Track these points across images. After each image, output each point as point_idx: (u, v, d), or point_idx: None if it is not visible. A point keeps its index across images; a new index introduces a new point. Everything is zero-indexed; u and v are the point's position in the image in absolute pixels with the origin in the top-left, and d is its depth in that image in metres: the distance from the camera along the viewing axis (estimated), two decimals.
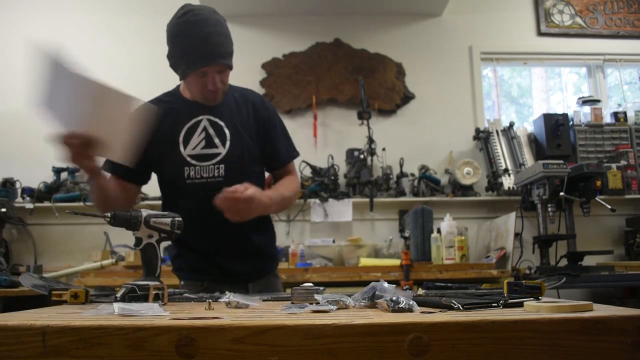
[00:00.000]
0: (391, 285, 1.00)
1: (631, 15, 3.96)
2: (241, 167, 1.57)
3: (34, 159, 3.49)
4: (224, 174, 1.54)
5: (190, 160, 1.54)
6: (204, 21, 1.46)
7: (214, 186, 1.48)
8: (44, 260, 3.23)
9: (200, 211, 1.52)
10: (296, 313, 0.85)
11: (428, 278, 2.65)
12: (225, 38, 1.50)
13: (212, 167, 1.54)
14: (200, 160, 1.54)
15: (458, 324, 0.72)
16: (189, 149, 1.55)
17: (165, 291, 1.14)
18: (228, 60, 1.51)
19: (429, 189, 3.48)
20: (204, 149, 1.55)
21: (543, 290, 0.95)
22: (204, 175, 1.54)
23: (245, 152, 1.59)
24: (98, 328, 0.71)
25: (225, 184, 1.45)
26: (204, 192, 1.51)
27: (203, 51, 1.46)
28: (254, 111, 1.64)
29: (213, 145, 1.56)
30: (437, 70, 3.82)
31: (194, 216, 1.47)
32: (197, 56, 1.46)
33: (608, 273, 2.71)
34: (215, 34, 1.46)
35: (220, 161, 1.55)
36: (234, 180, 1.46)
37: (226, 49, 1.50)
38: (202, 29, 1.45)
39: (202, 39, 1.45)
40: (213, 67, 1.49)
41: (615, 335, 0.73)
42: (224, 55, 1.49)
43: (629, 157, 3.46)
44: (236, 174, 1.53)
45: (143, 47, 3.76)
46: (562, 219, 2.86)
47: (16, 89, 3.65)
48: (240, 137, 1.58)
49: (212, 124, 1.57)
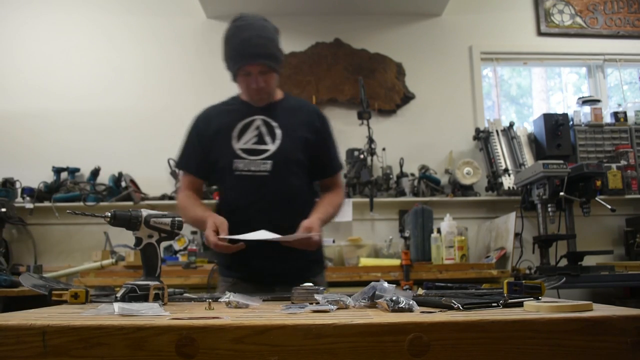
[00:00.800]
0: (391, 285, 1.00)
1: (631, 15, 3.96)
2: (287, 165, 1.68)
3: (34, 159, 3.50)
4: (270, 169, 1.66)
5: (240, 154, 1.67)
6: (249, 25, 1.62)
7: (260, 179, 1.65)
8: (44, 260, 3.23)
9: (244, 203, 1.66)
10: (296, 313, 0.85)
11: (428, 278, 2.65)
12: (267, 41, 1.62)
13: (259, 162, 1.66)
14: (250, 154, 1.67)
15: (458, 324, 0.73)
16: (241, 143, 1.69)
17: (165, 291, 1.14)
18: (269, 62, 1.63)
19: (429, 189, 3.48)
20: (254, 144, 1.68)
21: (543, 290, 0.95)
22: (251, 168, 1.66)
23: (293, 153, 1.70)
24: (98, 328, 0.72)
25: (271, 178, 1.65)
26: (250, 184, 1.65)
27: (243, 51, 1.60)
28: (308, 119, 1.77)
29: (263, 142, 1.69)
30: (437, 70, 3.82)
31: (237, 207, 1.66)
32: (240, 55, 1.61)
33: (608, 273, 2.70)
34: (256, 37, 1.60)
35: (268, 157, 1.67)
36: (279, 176, 1.66)
37: (267, 50, 1.62)
38: (246, 32, 1.60)
39: (244, 40, 1.60)
40: (253, 66, 1.61)
41: (615, 335, 0.73)
42: (264, 56, 1.61)
43: (629, 157, 3.46)
44: (281, 171, 1.67)
45: (143, 47, 3.76)
46: (562, 219, 2.86)
47: (16, 89, 3.66)
48: (290, 139, 1.70)
49: (265, 124, 1.71)
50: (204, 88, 3.71)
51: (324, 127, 1.80)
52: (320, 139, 1.77)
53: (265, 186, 1.65)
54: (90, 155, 3.50)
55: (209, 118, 1.78)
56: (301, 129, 1.73)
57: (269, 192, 1.66)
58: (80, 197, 3.30)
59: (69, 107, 3.62)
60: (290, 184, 1.69)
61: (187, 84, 3.71)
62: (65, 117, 3.60)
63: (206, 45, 3.77)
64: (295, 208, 1.69)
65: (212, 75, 3.73)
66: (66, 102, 3.63)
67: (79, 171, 3.51)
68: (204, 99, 3.78)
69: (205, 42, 3.77)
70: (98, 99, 3.65)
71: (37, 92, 3.64)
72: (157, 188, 3.45)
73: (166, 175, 3.48)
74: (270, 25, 1.67)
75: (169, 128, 3.62)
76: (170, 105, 3.66)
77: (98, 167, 3.45)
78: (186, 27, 3.79)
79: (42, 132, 3.57)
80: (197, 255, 2.97)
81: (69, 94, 3.64)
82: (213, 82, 3.72)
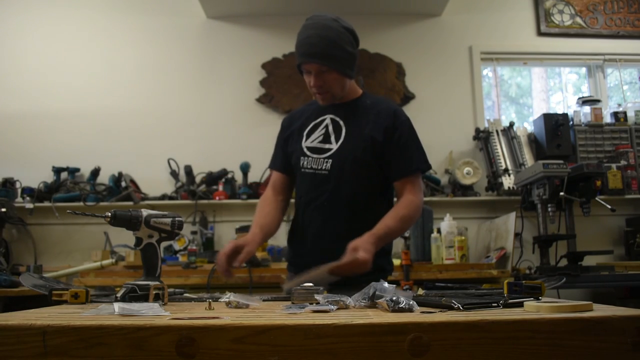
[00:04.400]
0: (391, 285, 1.00)
1: (631, 15, 3.96)
2: (347, 165, 1.64)
3: (34, 159, 3.49)
4: (329, 168, 1.65)
5: (306, 152, 1.70)
6: (313, 25, 1.61)
7: (320, 178, 1.66)
8: (44, 260, 3.23)
9: (306, 201, 1.70)
10: (296, 313, 0.85)
11: (428, 278, 2.65)
12: (327, 42, 1.57)
13: (321, 160, 1.67)
14: (314, 152, 1.69)
15: (458, 324, 0.73)
16: (308, 141, 1.71)
17: (165, 291, 1.14)
18: (324, 61, 1.58)
19: (429, 189, 3.48)
20: (320, 143, 1.70)
21: (543, 291, 0.95)
22: (313, 166, 1.68)
23: (352, 153, 1.64)
24: (98, 328, 0.72)
25: (330, 178, 1.64)
26: (311, 182, 1.68)
27: (301, 49, 1.60)
28: (378, 119, 1.67)
29: (328, 141, 1.69)
30: (437, 70, 3.81)
31: (301, 205, 1.72)
32: (298, 54, 1.62)
33: (608, 273, 2.70)
34: (315, 36, 1.57)
35: (329, 156, 1.66)
36: (338, 175, 1.64)
37: (326, 51, 1.57)
38: (308, 31, 1.60)
39: (304, 39, 1.60)
40: (311, 65, 1.60)
41: (615, 335, 0.73)
42: (319, 56, 1.57)
43: (629, 157, 3.46)
44: (340, 171, 1.64)
45: (142, 47, 3.76)
46: (562, 219, 2.85)
47: (16, 89, 3.66)
48: (355, 138, 1.66)
49: (333, 122, 1.71)
50: (204, 88, 3.71)
51: (397, 126, 1.66)
52: (392, 138, 1.65)
53: (323, 185, 1.65)
54: (90, 155, 3.50)
55: (291, 118, 1.83)
56: (369, 127, 1.65)
57: (326, 192, 1.64)
58: (80, 197, 3.30)
59: (69, 107, 3.62)
60: (348, 185, 1.63)
61: (188, 84, 3.71)
62: (65, 117, 3.60)
63: (206, 45, 3.77)
64: (351, 210, 1.63)
65: (212, 75, 3.75)
66: (66, 102, 3.62)
67: (79, 171, 3.51)
68: (204, 99, 3.82)
69: (205, 42, 3.78)
70: (98, 99, 3.64)
71: (37, 92, 3.64)
72: (157, 188, 3.45)
73: (166, 175, 3.48)
74: (336, 25, 1.60)
75: (169, 128, 3.64)
76: (171, 105, 3.66)
77: (98, 167, 3.45)
78: (186, 27, 3.79)
79: (42, 132, 3.57)
80: (197, 255, 2.97)
81: (69, 94, 3.64)
82: (213, 82, 3.75)
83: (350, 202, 1.64)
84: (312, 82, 1.63)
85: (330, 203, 1.64)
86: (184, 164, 3.44)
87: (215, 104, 3.66)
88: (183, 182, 3.44)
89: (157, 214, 1.17)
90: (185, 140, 3.56)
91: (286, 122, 1.84)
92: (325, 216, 1.65)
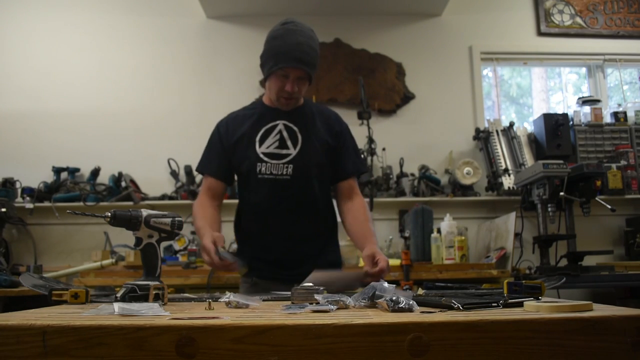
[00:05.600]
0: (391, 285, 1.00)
1: (631, 15, 3.96)
2: (308, 169, 1.71)
3: (34, 159, 3.50)
4: (292, 173, 1.69)
5: (263, 157, 1.71)
6: (300, 31, 1.65)
7: (281, 183, 1.69)
8: (44, 260, 3.23)
9: (266, 206, 1.71)
10: (296, 313, 0.85)
11: (428, 278, 2.65)
12: (313, 52, 1.66)
13: (281, 166, 1.70)
14: (272, 158, 1.71)
15: (458, 324, 0.73)
16: (263, 147, 1.72)
17: (165, 291, 1.14)
18: (310, 69, 1.66)
19: (429, 189, 3.48)
20: (276, 148, 1.72)
21: (543, 290, 0.95)
22: (273, 171, 1.70)
23: (313, 157, 1.72)
24: (98, 328, 0.72)
25: (292, 182, 1.68)
26: (272, 187, 1.69)
27: (291, 54, 1.62)
28: (327, 124, 1.79)
29: (285, 146, 1.72)
30: (437, 70, 3.81)
31: (261, 210, 1.72)
32: (286, 57, 1.62)
33: (608, 273, 2.70)
34: (306, 44, 1.64)
35: (289, 161, 1.70)
36: (300, 180, 1.69)
37: (312, 60, 1.66)
38: (296, 37, 1.63)
39: (294, 44, 1.62)
40: (296, 70, 1.64)
41: (615, 335, 0.73)
42: (308, 64, 1.64)
43: (629, 157, 3.46)
44: (302, 175, 1.70)
45: (142, 47, 3.76)
46: (562, 219, 2.85)
47: (17, 89, 3.66)
48: (311, 144, 1.73)
49: (287, 128, 1.74)
50: (204, 88, 3.71)
51: (343, 131, 1.82)
52: (340, 142, 1.79)
53: (286, 190, 1.69)
54: (90, 155, 3.50)
55: (232, 123, 1.80)
56: (321, 132, 1.76)
57: (289, 196, 1.70)
58: (80, 197, 3.30)
59: (69, 107, 3.62)
60: (310, 188, 1.72)
61: (187, 84, 3.71)
62: (65, 117, 3.60)
63: (206, 45, 3.77)
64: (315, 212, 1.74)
65: (212, 75, 3.75)
66: (66, 102, 3.63)
67: (79, 171, 3.51)
68: (204, 99, 3.81)
69: (205, 42, 3.78)
70: (98, 99, 3.65)
71: (37, 92, 3.64)
72: (157, 188, 3.45)
73: (166, 175, 3.48)
74: (316, 37, 1.71)
75: (169, 128, 3.64)
76: (171, 105, 3.66)
77: (98, 167, 3.45)
78: (186, 27, 3.79)
79: (42, 132, 3.57)
80: (197, 255, 2.97)
81: (69, 94, 3.64)
82: (213, 82, 3.75)
83: (314, 204, 1.74)
84: (289, 87, 1.65)
85: (294, 207, 1.70)
86: (184, 164, 3.44)
87: (215, 104, 3.65)
88: (183, 182, 3.44)
89: (157, 214, 1.17)
90: (185, 140, 3.56)
91: (224, 127, 1.80)
92: (290, 220, 1.70)
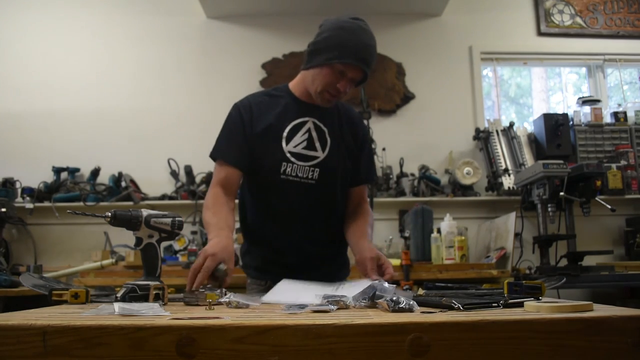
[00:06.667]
0: (391, 285, 1.00)
1: (631, 15, 3.96)
2: (334, 174, 1.63)
3: (34, 159, 3.49)
4: (317, 178, 1.60)
5: (290, 157, 1.59)
6: (370, 34, 1.57)
7: (305, 187, 1.59)
8: (44, 260, 3.23)
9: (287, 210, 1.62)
10: (296, 313, 0.85)
11: (428, 278, 2.65)
12: (375, 60, 1.59)
13: (307, 168, 1.60)
14: (299, 159, 1.60)
15: (458, 324, 0.72)
16: (290, 145, 1.60)
17: (165, 291, 1.14)
18: (368, 74, 1.58)
19: (429, 189, 3.48)
20: (304, 149, 1.61)
21: (543, 291, 0.95)
22: (299, 174, 1.59)
23: (341, 162, 1.65)
24: (98, 328, 0.71)
25: (317, 187, 1.59)
26: (295, 190, 1.59)
27: (360, 53, 1.52)
28: (353, 128, 1.71)
29: (313, 148, 1.62)
30: (437, 70, 3.81)
31: (279, 213, 1.61)
32: (354, 53, 1.52)
33: (608, 273, 2.70)
34: (374, 49, 1.57)
35: (316, 165, 1.61)
36: (325, 185, 1.60)
37: (373, 66, 1.58)
38: (370, 38, 1.56)
39: (365, 44, 1.54)
40: (356, 70, 1.54)
41: (615, 335, 0.73)
42: (370, 69, 1.57)
43: (629, 157, 3.46)
44: (328, 181, 1.62)
45: (143, 47, 3.76)
46: (562, 219, 2.85)
47: (16, 89, 3.66)
48: (339, 147, 1.65)
49: (316, 128, 1.63)
50: (204, 88, 3.71)
51: (365, 135, 1.78)
52: (362, 146, 1.73)
53: (309, 194, 1.60)
54: (90, 155, 3.50)
55: (256, 109, 1.65)
56: (348, 137, 1.69)
57: (312, 201, 1.62)
58: (80, 197, 3.30)
59: (69, 107, 3.62)
60: (334, 195, 1.65)
61: (188, 84, 3.71)
62: (65, 117, 3.60)
63: (206, 45, 3.77)
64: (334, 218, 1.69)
65: (212, 75, 3.75)
66: (66, 102, 3.63)
67: (79, 171, 3.51)
68: (204, 99, 3.81)
69: (205, 42, 3.78)
70: (98, 99, 3.65)
71: (37, 92, 3.64)
72: (157, 188, 3.45)
73: (166, 175, 3.48)
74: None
75: (169, 128, 3.64)
76: (171, 105, 3.66)
77: (98, 167, 3.45)
78: (186, 27, 3.79)
79: (42, 132, 3.57)
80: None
81: (68, 94, 3.64)
82: (213, 82, 3.75)
83: (334, 210, 1.68)
84: (342, 85, 1.55)
85: (316, 212, 1.64)
86: (184, 164, 3.44)
87: (216, 104, 3.65)
88: (183, 182, 3.44)
89: (157, 214, 1.17)
90: (185, 140, 3.56)
91: (247, 111, 1.64)
92: (310, 224, 1.63)
